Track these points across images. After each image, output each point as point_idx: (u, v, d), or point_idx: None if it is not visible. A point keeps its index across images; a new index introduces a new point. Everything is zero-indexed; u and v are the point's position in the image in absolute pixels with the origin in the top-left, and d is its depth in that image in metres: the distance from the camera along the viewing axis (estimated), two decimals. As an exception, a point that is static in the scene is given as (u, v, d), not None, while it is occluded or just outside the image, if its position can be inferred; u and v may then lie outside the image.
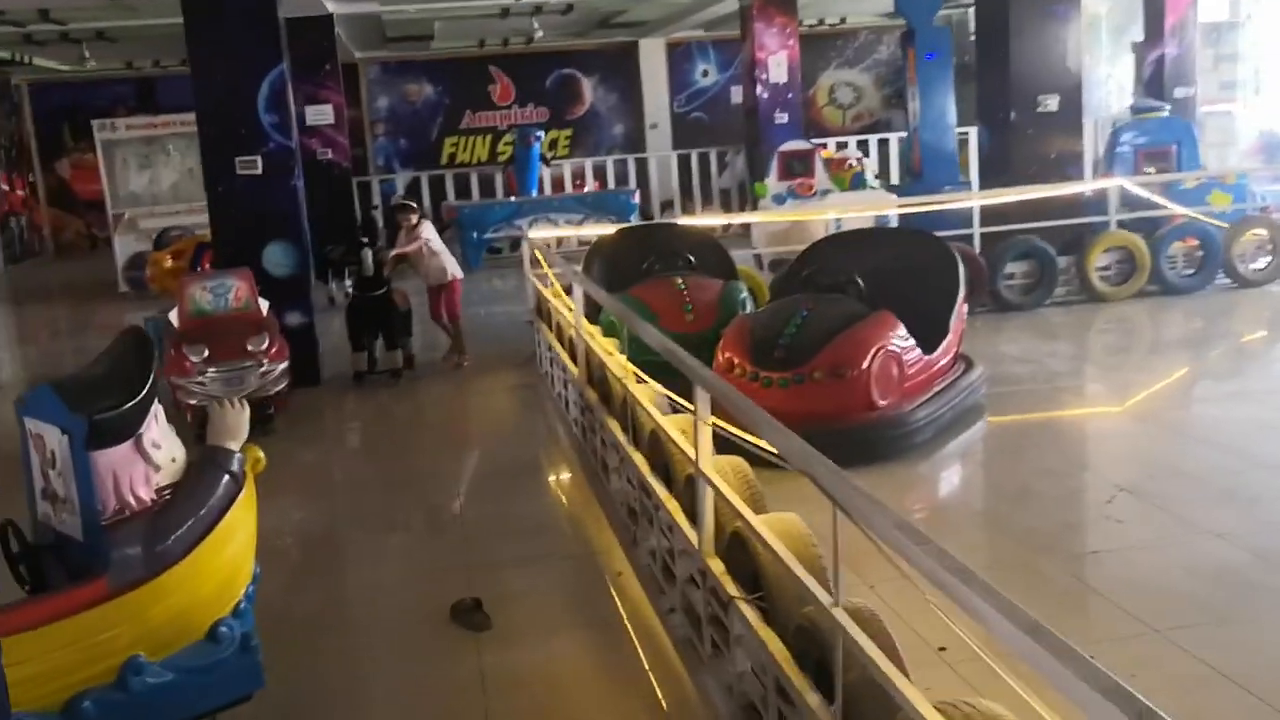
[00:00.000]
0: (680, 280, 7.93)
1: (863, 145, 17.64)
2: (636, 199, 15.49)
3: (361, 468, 7.46)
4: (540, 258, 8.83)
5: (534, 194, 15.85)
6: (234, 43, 8.76)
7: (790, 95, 16.47)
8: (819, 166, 11.11)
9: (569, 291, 8.23)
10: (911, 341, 6.53)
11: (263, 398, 7.43)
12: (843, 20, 22.30)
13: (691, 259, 8.35)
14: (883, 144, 17.58)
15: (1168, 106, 11.42)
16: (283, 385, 7.65)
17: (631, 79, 22.90)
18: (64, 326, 14.23)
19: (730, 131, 22.56)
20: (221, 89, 8.82)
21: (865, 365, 6.20)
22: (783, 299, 6.88)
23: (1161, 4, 14.13)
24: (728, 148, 19.73)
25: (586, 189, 17.51)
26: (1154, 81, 14.01)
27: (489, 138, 22.50)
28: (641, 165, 17.55)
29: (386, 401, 8.77)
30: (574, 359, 7.35)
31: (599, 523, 5.75)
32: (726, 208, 17.58)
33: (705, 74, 23.37)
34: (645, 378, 5.43)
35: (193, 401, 7.34)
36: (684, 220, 10.03)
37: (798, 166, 11.08)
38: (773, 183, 11.11)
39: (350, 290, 8.96)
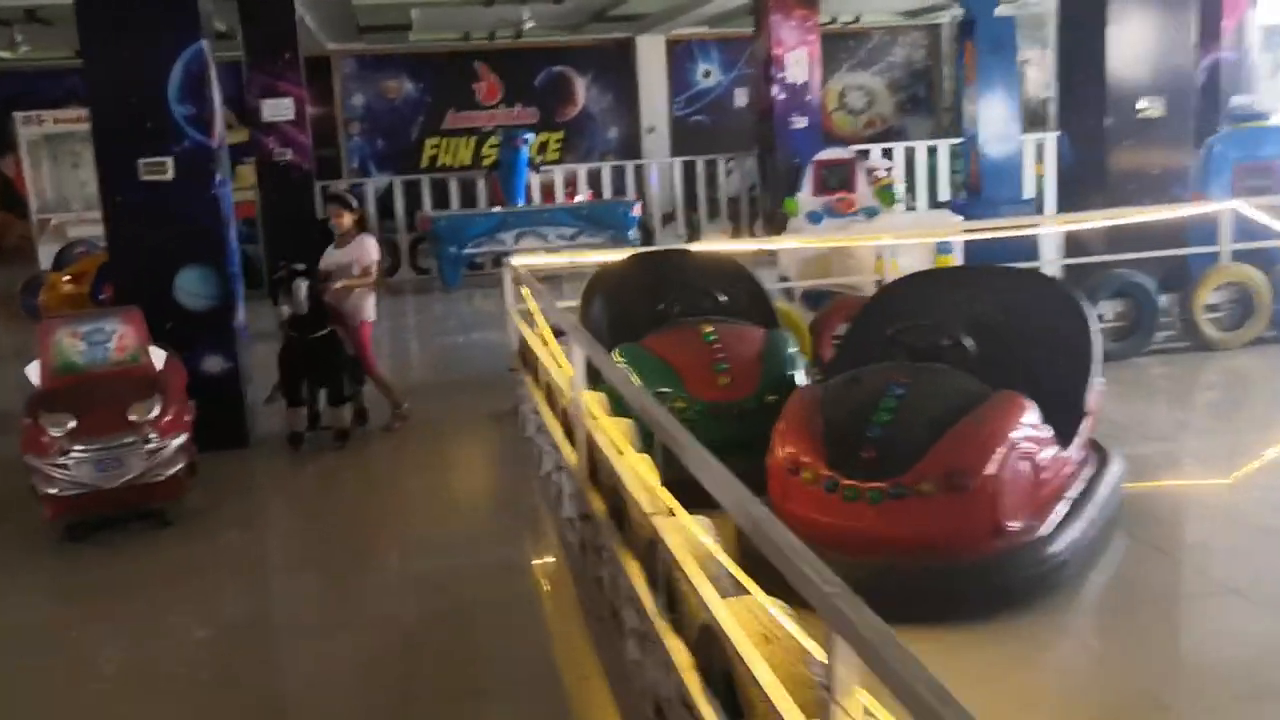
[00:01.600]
0: (709, 329, 5.95)
1: (884, 154, 15.66)
2: (637, 211, 13.52)
3: (273, 587, 5.44)
4: (527, 295, 6.85)
5: (521, 204, 13.87)
6: (136, 11, 6.76)
7: (809, 98, 14.48)
8: (861, 180, 9.14)
9: (560, 335, 6.29)
10: (1049, 433, 4.57)
11: (148, 485, 5.44)
12: (856, 19, 20.40)
13: (721, 297, 6.37)
14: (908, 153, 15.63)
15: (1273, 113, 9.49)
16: (178, 467, 5.62)
17: (628, 79, 20.93)
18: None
19: (733, 137, 20.58)
20: (119, 71, 6.82)
21: (991, 472, 4.25)
22: (861, 369, 4.90)
23: (1218, 5, 12.27)
24: (730, 154, 17.80)
25: (579, 198, 15.52)
26: (1209, 89, 12.12)
27: (473, 140, 20.49)
28: (641, 173, 15.57)
29: (326, 473, 6.77)
30: (569, 436, 5.38)
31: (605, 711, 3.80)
32: (736, 222, 15.60)
33: (707, 75, 21.43)
34: (678, 508, 3.48)
35: (53, 491, 5.34)
36: (707, 245, 7.99)
37: (835, 179, 9.13)
38: (806, 197, 9.16)
39: (284, 328, 6.97)
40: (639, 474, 3.92)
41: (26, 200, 19.18)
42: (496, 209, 13.58)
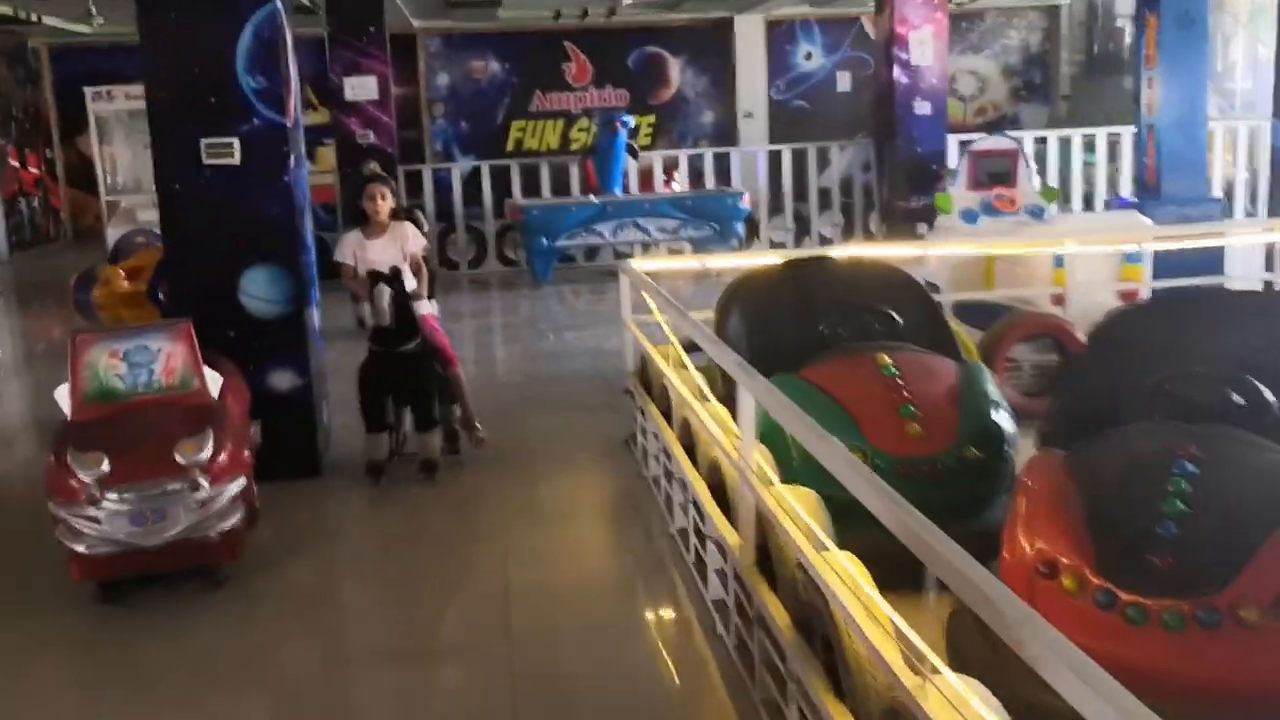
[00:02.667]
0: (886, 359, 4.72)
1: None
2: (746, 203, 12.27)
3: (339, 662, 4.34)
4: (651, 303, 5.68)
5: (618, 193, 12.70)
6: (200, -33, 5.71)
7: (935, 81, 13.17)
8: (1024, 174, 7.85)
9: (691, 349, 5.14)
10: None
11: (197, 543, 4.37)
12: (972, -2, 18.94)
13: (894, 316, 5.14)
14: (1040, 144, 14.18)
15: None
16: (234, 519, 4.51)
17: (725, 61, 19.69)
18: None
19: (835, 123, 19.22)
20: (179, 37, 5.76)
21: (1341, 593, 3.01)
22: (1125, 431, 3.66)
23: None
24: (841, 142, 16.47)
25: (675, 187, 14.32)
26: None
27: (561, 123, 19.41)
28: (746, 162, 14.31)
29: (409, 514, 5.66)
30: (719, 498, 4.23)
31: None
32: (848, 216, 14.28)
33: (809, 57, 20.10)
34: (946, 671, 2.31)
35: (81, 548, 4.29)
36: (861, 250, 6.74)
37: (994, 172, 7.83)
38: (960, 193, 7.87)
39: (368, 342, 5.87)
40: (861, 594, 2.75)
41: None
42: (592, 198, 12.42)
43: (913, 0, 12.84)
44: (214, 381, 4.84)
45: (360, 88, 12.48)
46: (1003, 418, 4.58)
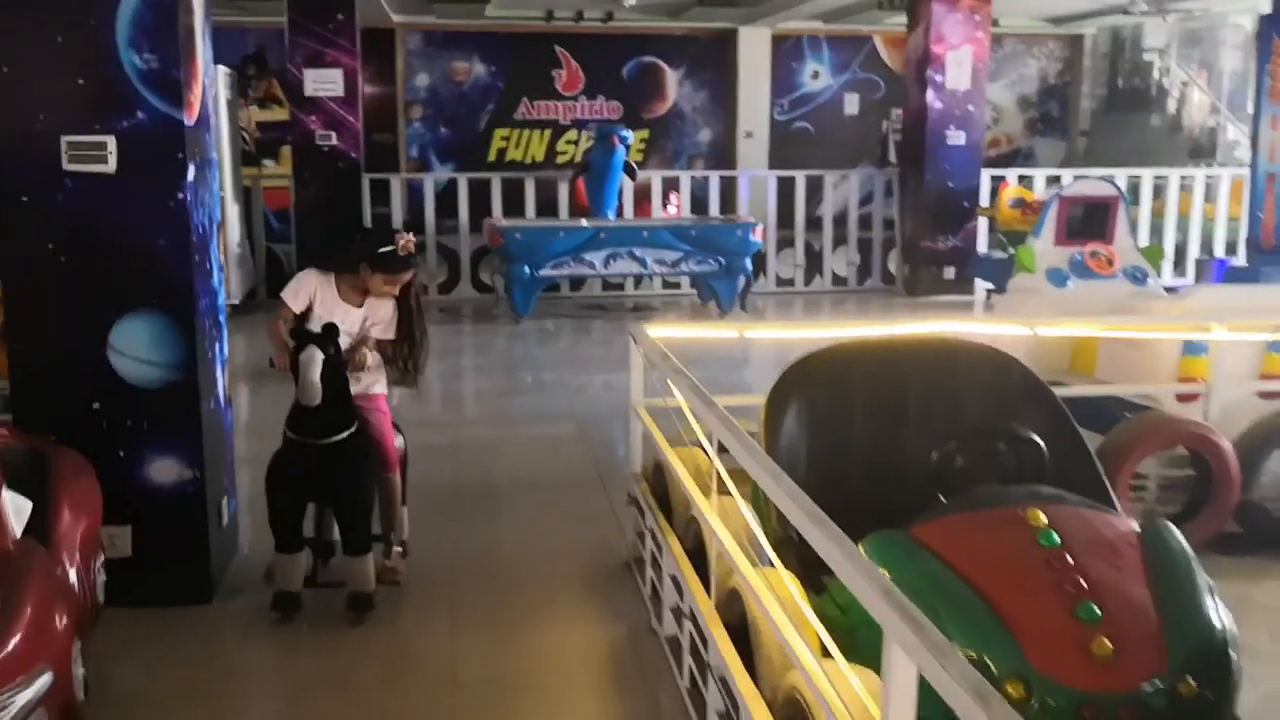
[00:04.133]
0: (1041, 518, 3.09)
1: (1025, 180, 12.65)
2: (759, 236, 10.64)
3: None
4: (676, 393, 4.01)
5: (612, 217, 11.05)
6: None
7: (971, 108, 11.63)
8: (1123, 227, 6.27)
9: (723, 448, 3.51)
10: None
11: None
12: (995, 22, 17.43)
13: (1039, 444, 3.49)
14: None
15: None
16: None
17: (726, 74, 18.09)
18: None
19: (839, 148, 17.75)
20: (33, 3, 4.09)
21: None
22: None
23: None
24: (857, 169, 14.92)
25: (672, 211, 12.71)
26: None
27: (548, 134, 17.76)
28: (757, 186, 12.68)
29: (323, 673, 3.94)
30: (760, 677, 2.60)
31: None
32: (864, 254, 12.65)
33: (815, 76, 18.56)
34: None
35: None
36: (952, 326, 5.07)
37: (1088, 222, 6.26)
38: (1045, 246, 6.28)
39: (285, 427, 4.17)
40: None
41: None
42: (583, 222, 10.75)
43: (952, 16, 11.29)
44: (17, 513, 3.13)
45: (323, 82, 10.78)
46: (1223, 621, 2.96)
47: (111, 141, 4.12)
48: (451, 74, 17.39)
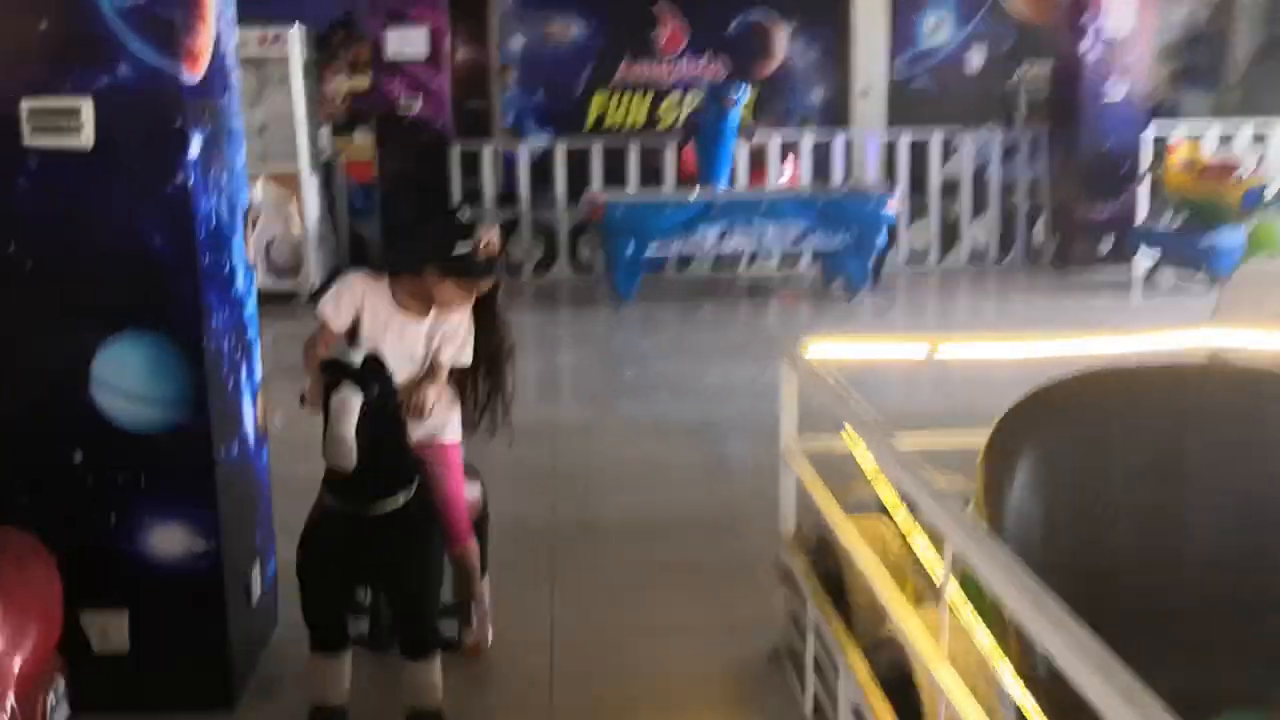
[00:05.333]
0: None
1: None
2: (893, 208, 9.29)
3: None
4: (854, 441, 2.79)
5: (723, 186, 9.79)
6: None
7: (1130, 59, 10.09)
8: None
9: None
10: None
11: None
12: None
13: None
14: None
15: None
16: None
17: (840, 29, 16.59)
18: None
19: (962, 108, 16.14)
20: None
21: None
22: None
23: None
24: (972, 130, 13.40)
25: (784, 179, 11.38)
26: None
27: (649, 96, 16.48)
28: (889, 152, 11.25)
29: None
30: None
31: None
32: (1007, 224, 11.17)
33: (937, 28, 16.93)
34: None
35: None
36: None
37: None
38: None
39: (322, 487, 3.05)
40: None
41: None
42: (694, 194, 9.51)
43: (1115, -49, 9.75)
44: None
45: (405, 43, 9.69)
46: None
47: (86, 106, 3.02)
48: (547, 35, 16.20)
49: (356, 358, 2.89)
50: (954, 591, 2.22)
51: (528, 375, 7.62)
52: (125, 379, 3.15)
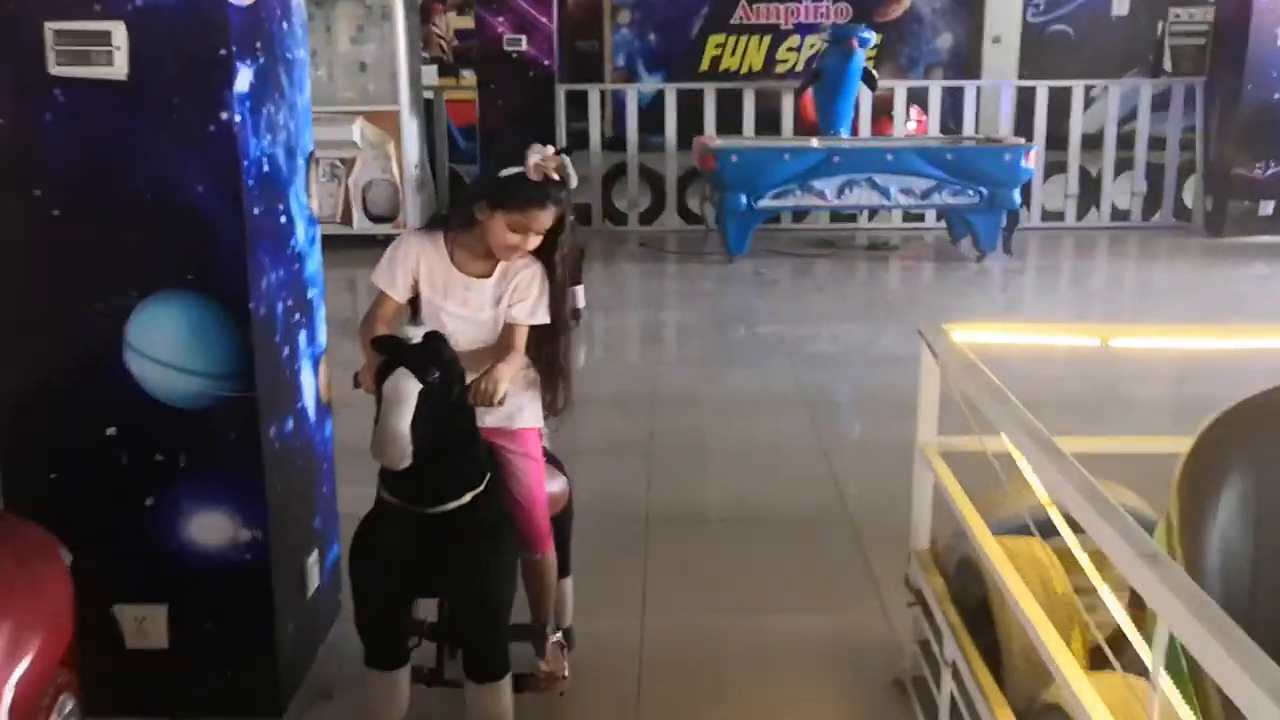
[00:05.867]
0: None
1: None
2: (1031, 161, 8.55)
3: None
4: (1017, 451, 2.27)
5: (846, 136, 9.14)
6: None
7: (1309, -3, 9.10)
8: None
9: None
10: None
11: None
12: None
13: None
14: None
15: None
16: None
17: (972, -29, 15.63)
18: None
19: (1104, 55, 15.08)
20: None
21: None
22: None
23: None
24: (1122, 79, 12.40)
25: (910, 128, 10.65)
26: None
27: (767, 40, 15.74)
28: (1023, 103, 10.40)
29: None
30: None
31: None
32: (1152, 182, 10.29)
33: (1078, -32, 15.82)
34: None
35: None
36: None
37: None
38: None
39: (379, 483, 2.63)
40: None
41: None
42: (813, 142, 8.88)
43: (1294, -121, 8.75)
44: None
45: (512, -25, 9.21)
46: None
47: (119, 31, 2.60)
48: (663, -27, 15.55)
49: (415, 334, 2.43)
50: (1167, 683, 1.68)
51: (629, 333, 7.19)
52: (161, 346, 2.76)
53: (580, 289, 6.80)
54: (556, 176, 2.63)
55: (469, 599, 2.64)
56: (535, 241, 2.68)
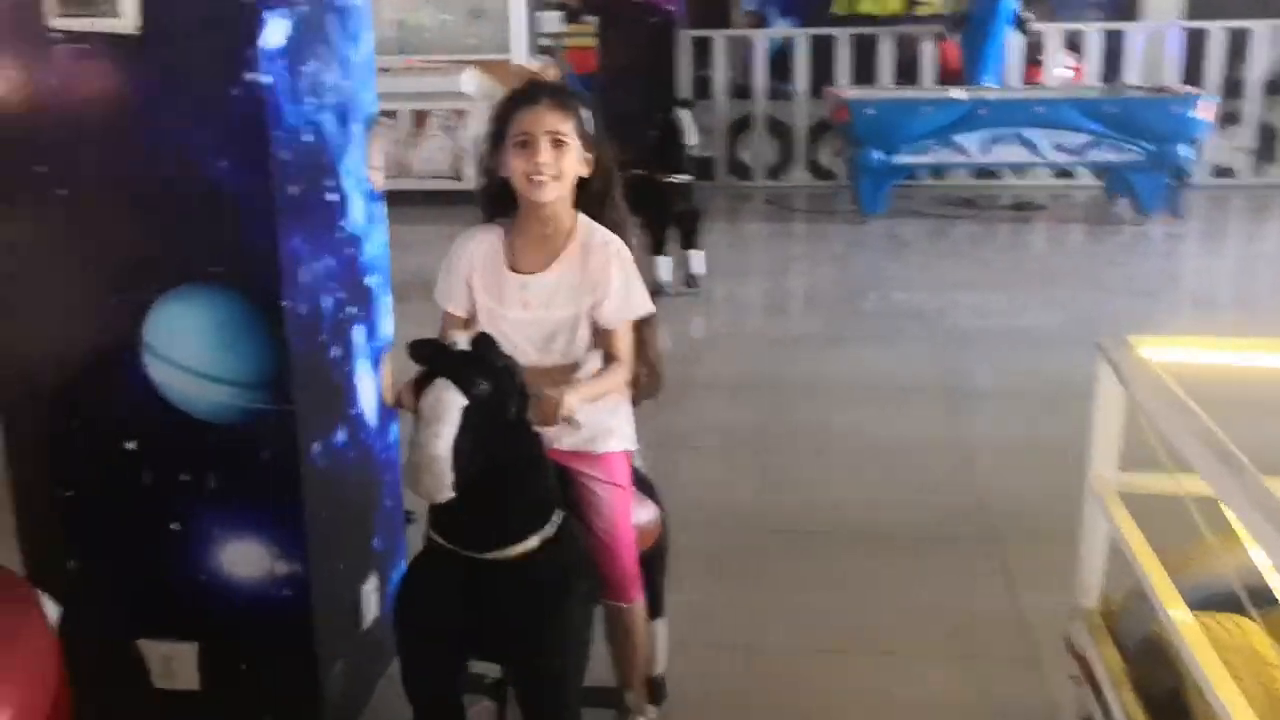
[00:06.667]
0: None
1: None
2: (1205, 112, 7.65)
3: None
4: (1227, 505, 1.70)
5: (991, 84, 8.35)
6: None
7: None
8: None
9: None
10: None
11: None
12: None
13: None
14: None
15: None
16: None
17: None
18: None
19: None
20: None
21: None
22: None
23: None
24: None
25: (1065, 78, 9.73)
26: None
27: (907, -19, 14.77)
28: (1193, 47, 9.36)
29: None
30: None
31: None
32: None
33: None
34: None
35: None
36: None
37: None
38: None
39: (426, 526, 2.17)
40: None
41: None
42: (957, 93, 8.13)
43: None
44: None
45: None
46: None
47: (124, -26, 2.16)
48: (796, -91, 14.69)
49: (461, 339, 1.96)
50: None
51: (749, 303, 6.65)
52: (183, 349, 2.34)
53: (698, 254, 6.31)
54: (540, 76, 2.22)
55: (531, 668, 2.18)
56: (554, 157, 2.16)
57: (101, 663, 2.45)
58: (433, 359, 1.95)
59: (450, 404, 1.89)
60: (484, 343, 1.97)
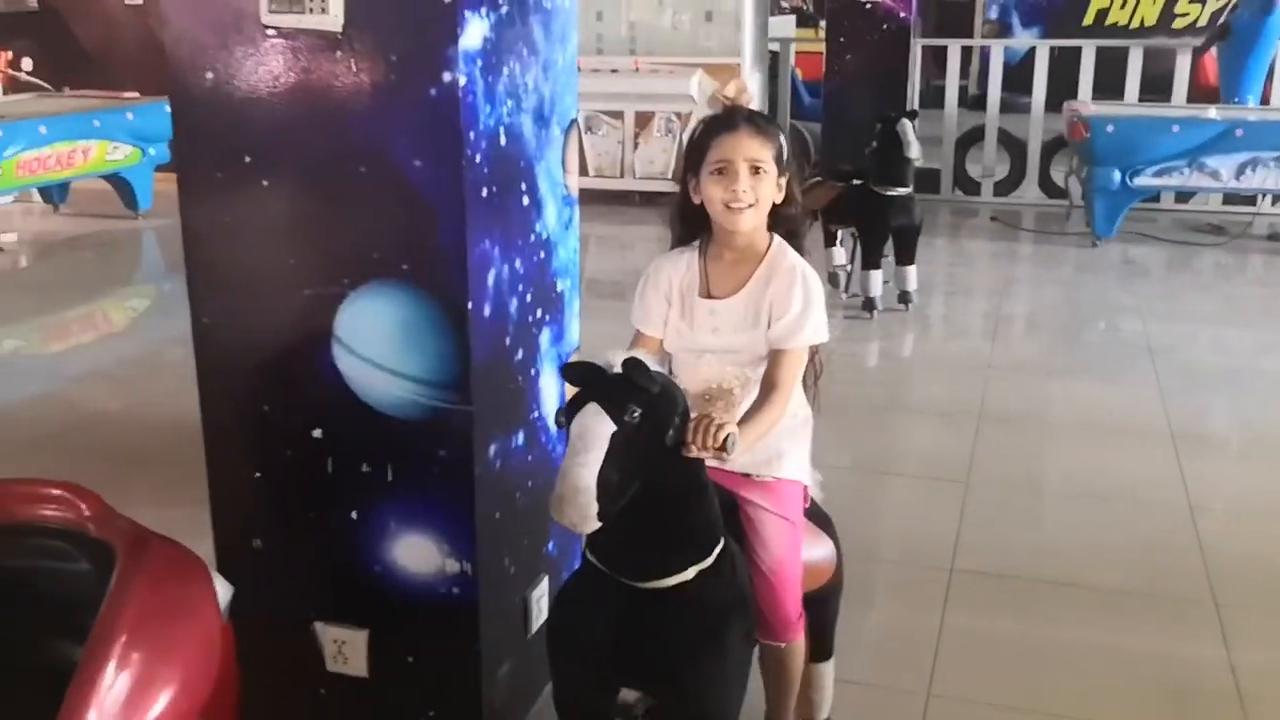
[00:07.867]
0: None
1: None
2: None
3: None
4: None
5: (1252, 103, 7.69)
6: None
7: None
8: None
9: None
10: None
11: None
12: None
13: None
14: None
15: None
16: None
17: None
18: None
19: None
20: None
21: None
22: None
23: None
24: None
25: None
26: None
27: (1166, -9, 13.88)
28: None
29: None
30: None
31: None
32: None
33: None
34: None
35: None
36: None
37: None
38: None
39: (583, 549, 2.11)
40: None
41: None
42: (1212, 111, 7.52)
43: None
44: None
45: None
46: None
47: (320, -43, 2.19)
48: (1050, -84, 14.06)
49: (615, 361, 1.87)
50: None
51: (966, 324, 6.36)
52: (370, 343, 2.35)
53: (911, 269, 6.05)
54: (740, 101, 2.20)
55: (679, 703, 2.07)
56: (752, 185, 2.11)
57: (276, 644, 2.50)
58: (585, 382, 1.88)
59: (597, 430, 1.81)
60: (636, 365, 1.88)
